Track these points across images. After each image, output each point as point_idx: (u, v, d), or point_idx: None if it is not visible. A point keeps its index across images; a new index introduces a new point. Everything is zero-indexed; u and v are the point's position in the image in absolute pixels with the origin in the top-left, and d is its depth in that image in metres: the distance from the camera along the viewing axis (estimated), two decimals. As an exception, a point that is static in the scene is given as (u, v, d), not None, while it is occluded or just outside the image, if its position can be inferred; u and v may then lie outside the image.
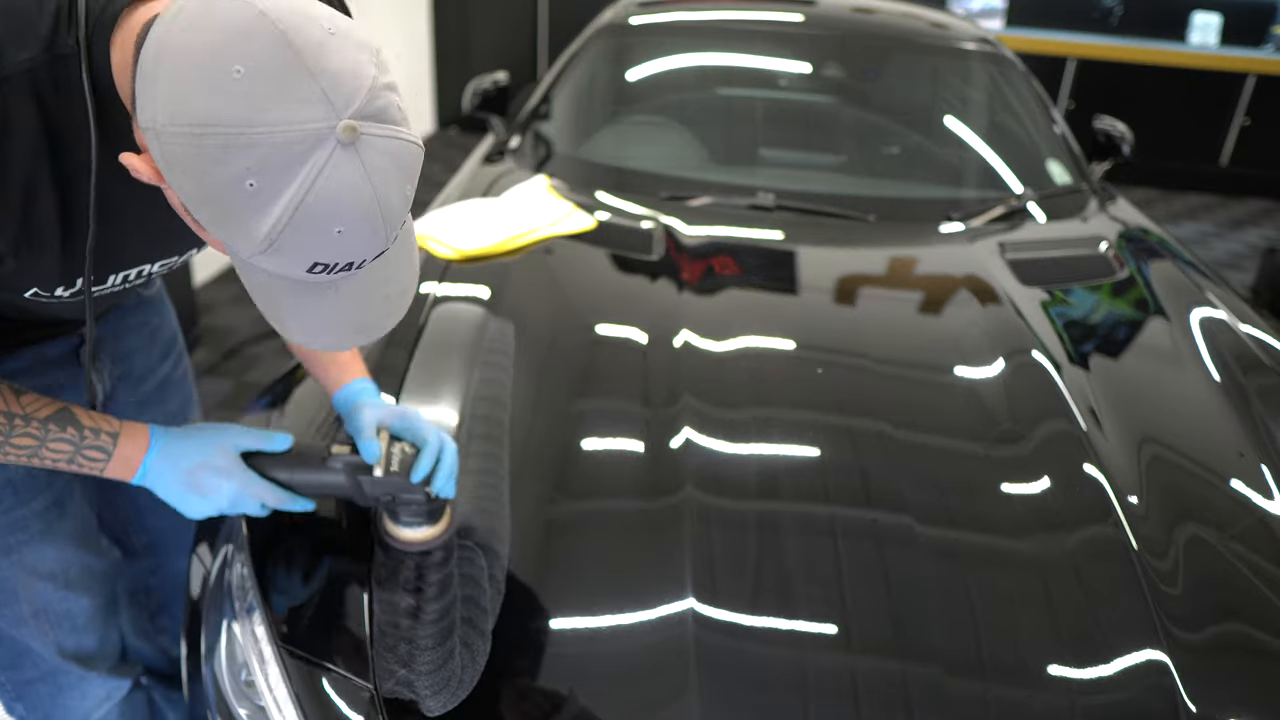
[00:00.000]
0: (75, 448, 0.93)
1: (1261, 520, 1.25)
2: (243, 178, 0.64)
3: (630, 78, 2.63)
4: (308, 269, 0.69)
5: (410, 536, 1.09)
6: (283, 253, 0.68)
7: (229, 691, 1.10)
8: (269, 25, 0.64)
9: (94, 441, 0.94)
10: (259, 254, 0.68)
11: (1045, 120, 2.52)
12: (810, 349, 1.56)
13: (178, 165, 0.65)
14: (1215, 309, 1.74)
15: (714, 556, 1.13)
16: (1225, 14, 5.76)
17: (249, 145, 0.63)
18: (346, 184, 0.66)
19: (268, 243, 0.67)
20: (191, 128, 0.64)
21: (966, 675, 1.02)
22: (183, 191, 0.67)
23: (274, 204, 0.65)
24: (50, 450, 0.92)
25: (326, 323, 0.76)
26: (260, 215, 0.65)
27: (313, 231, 0.67)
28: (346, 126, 0.65)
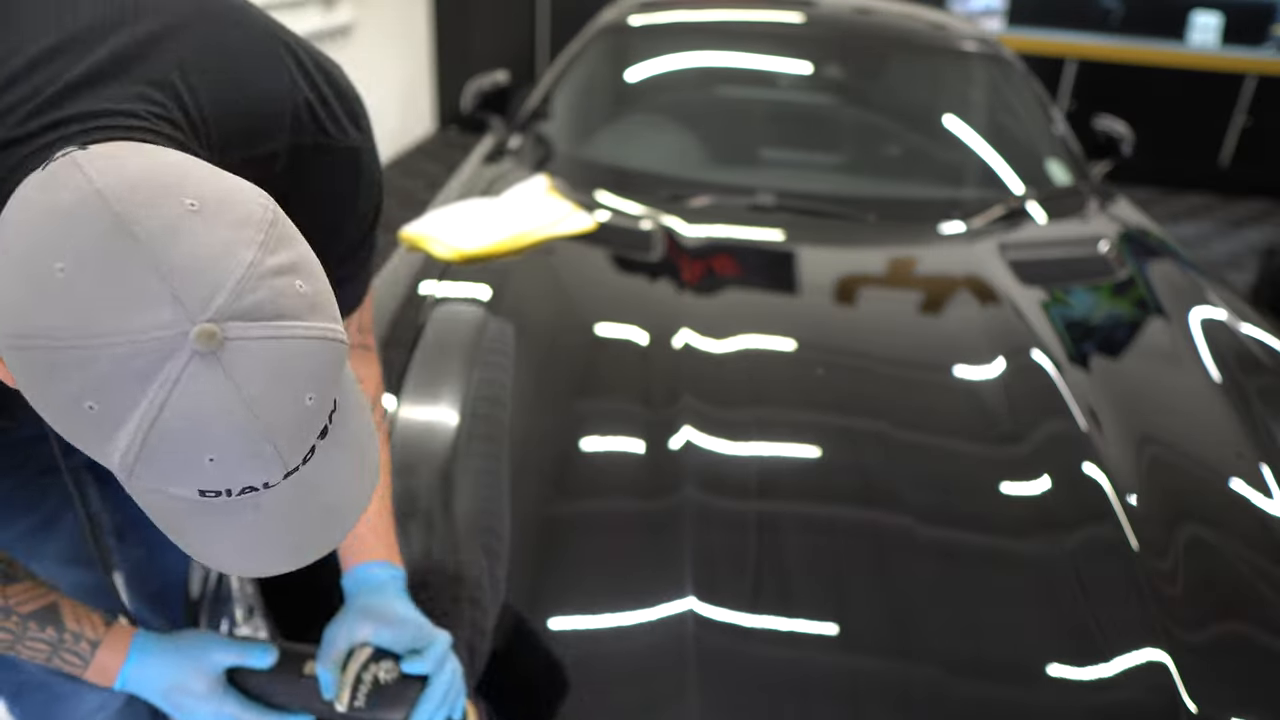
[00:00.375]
0: (53, 649, 0.86)
1: (1261, 520, 1.25)
2: (79, 398, 0.51)
3: (630, 78, 2.63)
4: (196, 493, 0.55)
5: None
6: (151, 479, 0.54)
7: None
8: (102, 208, 0.51)
9: (73, 646, 0.87)
10: (128, 479, 0.54)
11: (1045, 120, 2.52)
12: (810, 349, 1.56)
13: (20, 377, 0.53)
14: (1215, 309, 1.74)
15: (714, 556, 1.13)
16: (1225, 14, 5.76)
17: (81, 362, 0.50)
18: (208, 403, 0.52)
19: (125, 472, 0.53)
20: (15, 338, 0.51)
21: (966, 675, 1.02)
22: (31, 401, 0.54)
23: (120, 429, 0.51)
24: (26, 647, 0.85)
25: (248, 545, 0.60)
26: (107, 441, 0.52)
27: (175, 460, 0.53)
28: (203, 332, 0.50)
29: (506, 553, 1.13)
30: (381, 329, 1.52)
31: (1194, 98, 5.74)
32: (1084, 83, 5.79)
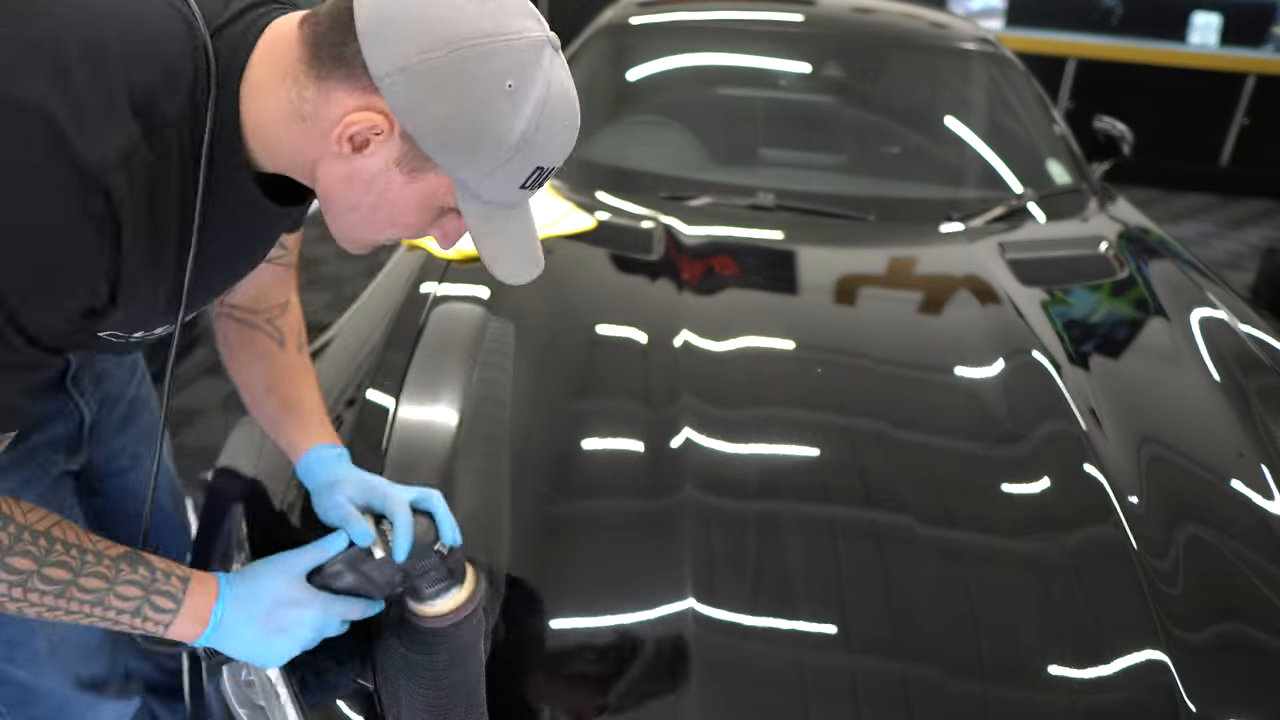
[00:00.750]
0: (145, 592, 0.85)
1: (1261, 520, 1.25)
2: (503, 78, 0.74)
3: (630, 78, 2.63)
4: (525, 180, 0.79)
5: (443, 607, 0.95)
6: (525, 156, 0.77)
7: (229, 692, 1.10)
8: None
9: (164, 585, 0.86)
10: (501, 165, 0.77)
11: (1045, 120, 2.52)
12: (810, 349, 1.56)
13: (434, 90, 0.73)
14: (1215, 309, 1.74)
15: (714, 556, 1.13)
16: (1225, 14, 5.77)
17: (505, 50, 0.74)
18: (566, 83, 0.81)
19: (522, 140, 0.76)
20: (448, 47, 0.72)
21: (966, 675, 1.02)
22: (432, 119, 0.74)
23: (527, 101, 0.75)
24: (117, 596, 0.84)
25: (519, 251, 0.86)
26: (517, 113, 0.75)
27: (552, 126, 0.79)
28: (553, 37, 0.78)
29: (506, 553, 1.13)
30: (382, 329, 1.52)
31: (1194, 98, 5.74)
32: (1084, 83, 5.79)
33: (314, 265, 3.97)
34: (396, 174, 0.78)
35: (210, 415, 2.80)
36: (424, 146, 0.76)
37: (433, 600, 0.95)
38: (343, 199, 0.81)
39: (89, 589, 0.82)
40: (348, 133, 0.76)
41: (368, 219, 0.82)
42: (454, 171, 0.77)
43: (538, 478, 1.25)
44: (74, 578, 0.81)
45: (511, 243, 0.85)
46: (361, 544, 0.94)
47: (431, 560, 0.94)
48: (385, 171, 0.78)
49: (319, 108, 0.76)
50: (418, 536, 0.93)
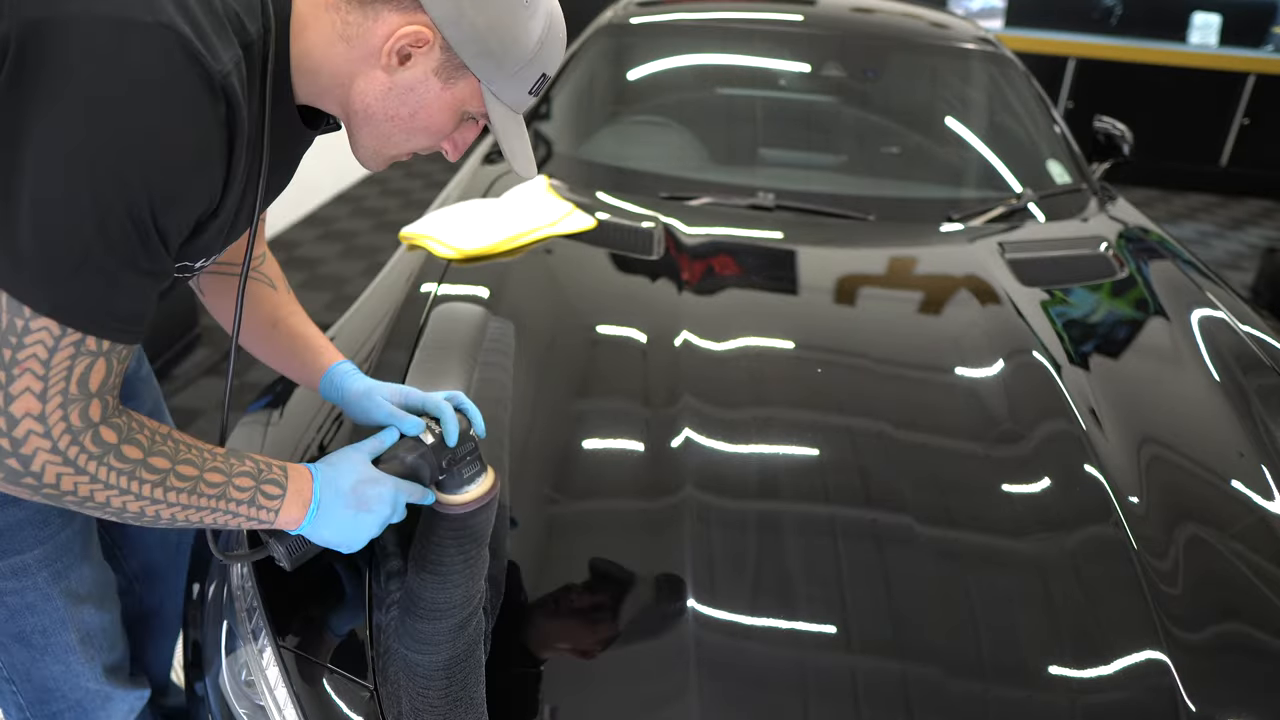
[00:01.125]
0: (255, 481, 0.92)
1: (1261, 520, 1.25)
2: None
3: (630, 77, 2.63)
4: (532, 85, 0.94)
5: (475, 492, 1.08)
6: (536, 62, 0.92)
7: (229, 692, 1.10)
8: None
9: (270, 474, 0.93)
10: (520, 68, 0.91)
11: (1045, 120, 2.52)
12: (810, 349, 1.56)
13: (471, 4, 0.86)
14: (1215, 309, 1.74)
15: (714, 556, 1.13)
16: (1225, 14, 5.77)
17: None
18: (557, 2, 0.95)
19: (539, 46, 0.91)
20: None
21: (966, 675, 1.02)
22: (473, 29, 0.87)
23: (538, 14, 0.91)
24: (235, 487, 0.90)
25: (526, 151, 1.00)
26: (533, 24, 0.90)
27: (555, 37, 0.93)
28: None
29: (507, 553, 1.13)
30: (382, 329, 1.52)
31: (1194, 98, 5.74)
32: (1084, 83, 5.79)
33: (314, 265, 3.97)
34: (434, 81, 0.90)
35: (210, 415, 2.80)
36: (461, 54, 0.88)
37: (466, 487, 1.07)
38: (381, 111, 0.91)
39: (213, 483, 0.88)
40: (395, 46, 0.87)
41: (402, 128, 0.93)
42: (485, 77, 0.91)
43: (538, 478, 1.25)
44: (200, 474, 0.87)
45: (521, 144, 0.98)
46: (413, 434, 1.06)
47: (469, 445, 1.07)
48: (424, 80, 0.90)
49: (364, 29, 0.87)
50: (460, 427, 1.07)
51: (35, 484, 0.80)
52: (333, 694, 1.02)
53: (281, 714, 1.03)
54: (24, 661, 1.12)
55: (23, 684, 1.14)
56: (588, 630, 1.07)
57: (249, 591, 1.12)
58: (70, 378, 0.78)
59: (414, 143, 0.95)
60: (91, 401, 0.80)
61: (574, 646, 1.06)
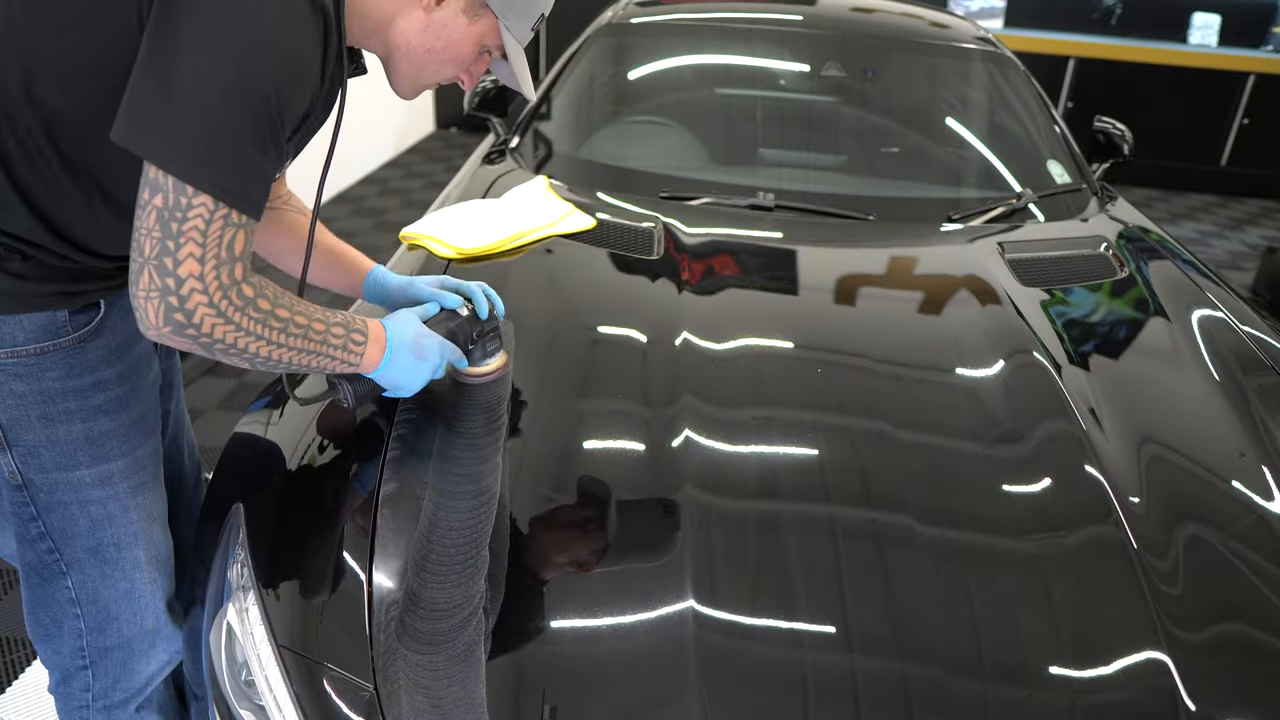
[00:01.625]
0: (347, 330, 1.10)
1: (1261, 520, 1.25)
2: None
3: (630, 77, 2.63)
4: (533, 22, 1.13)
5: (494, 364, 1.34)
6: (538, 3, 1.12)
7: (229, 691, 1.10)
8: None
9: (355, 323, 1.12)
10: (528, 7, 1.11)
11: (1045, 120, 2.52)
12: (810, 349, 1.56)
13: None
14: (1215, 309, 1.74)
15: (714, 556, 1.13)
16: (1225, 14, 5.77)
17: None
18: None
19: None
20: None
21: (966, 675, 1.02)
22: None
23: None
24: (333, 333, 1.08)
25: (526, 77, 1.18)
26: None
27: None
28: None
29: (507, 553, 1.13)
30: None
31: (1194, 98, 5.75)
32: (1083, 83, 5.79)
33: (314, 265, 3.97)
34: (463, 19, 1.09)
35: (210, 415, 2.80)
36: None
37: (488, 360, 1.34)
38: (420, 44, 1.09)
39: (319, 330, 1.06)
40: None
41: (436, 59, 1.10)
42: (502, 14, 1.10)
43: (538, 478, 1.25)
44: (309, 322, 1.05)
45: (525, 70, 1.17)
46: (451, 306, 1.30)
47: (493, 323, 1.33)
48: (455, 17, 1.08)
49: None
50: None
51: (196, 334, 0.95)
52: (333, 694, 1.02)
53: (281, 714, 1.03)
54: (95, 579, 1.19)
55: (88, 606, 1.20)
56: (587, 630, 1.07)
57: (248, 589, 1.12)
58: (222, 244, 0.93)
59: (444, 72, 1.13)
60: (236, 264, 0.95)
61: (574, 647, 1.06)
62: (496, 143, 2.48)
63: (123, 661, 1.25)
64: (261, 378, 3.00)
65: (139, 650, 1.26)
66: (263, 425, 1.37)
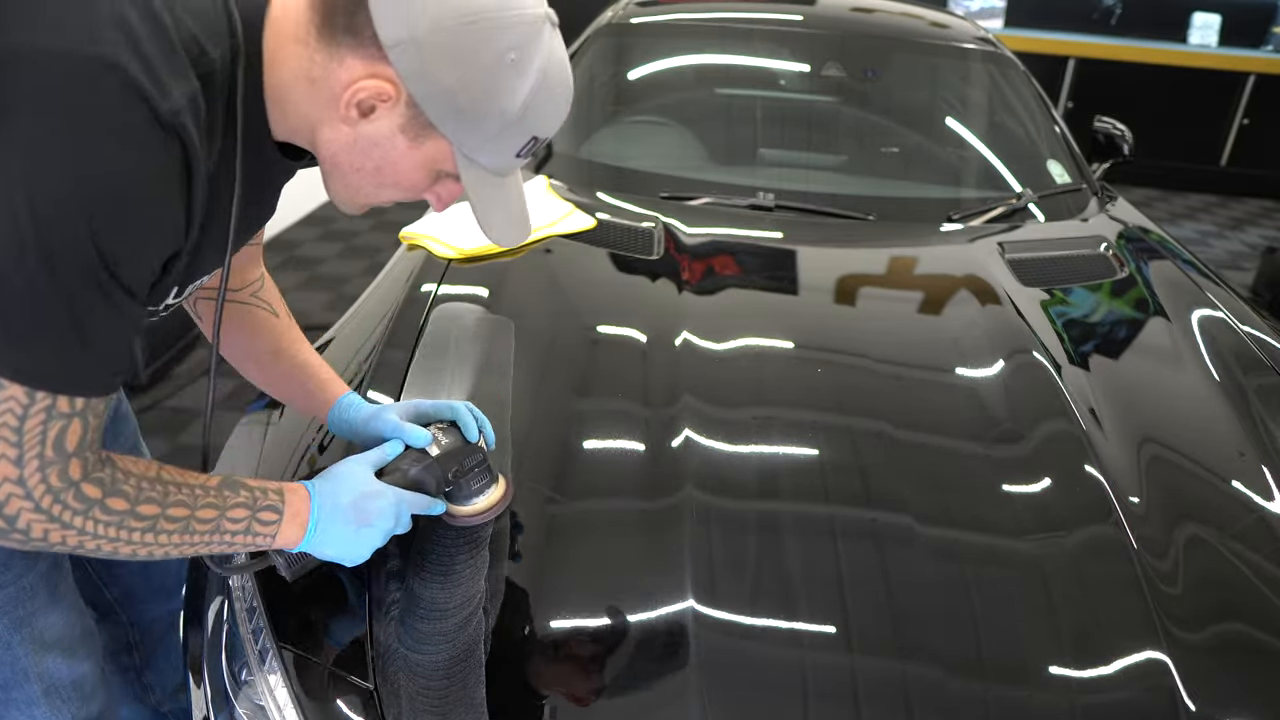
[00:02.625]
0: (251, 510, 0.90)
1: (1261, 520, 1.25)
2: (505, 52, 0.79)
3: (630, 77, 2.63)
4: (519, 149, 0.85)
5: (483, 504, 1.06)
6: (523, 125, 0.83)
7: (229, 691, 1.10)
8: None
9: (265, 501, 0.91)
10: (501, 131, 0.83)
11: (1045, 120, 2.52)
12: (810, 349, 1.56)
13: (444, 59, 0.78)
14: (1215, 309, 1.74)
15: (714, 556, 1.13)
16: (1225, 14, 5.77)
17: (510, 25, 0.79)
18: (562, 58, 0.86)
19: (523, 109, 0.82)
20: (460, 20, 0.78)
21: (966, 675, 1.02)
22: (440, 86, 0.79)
23: (528, 74, 0.81)
24: (229, 519, 0.88)
25: (509, 217, 0.92)
26: (518, 83, 0.81)
27: (549, 98, 0.84)
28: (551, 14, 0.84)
29: (507, 553, 1.13)
30: (382, 329, 1.52)
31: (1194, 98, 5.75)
32: (1083, 83, 5.79)
33: (314, 265, 3.97)
34: (400, 139, 0.83)
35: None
36: (429, 114, 0.81)
37: (475, 499, 1.06)
38: (346, 162, 0.86)
39: (206, 519, 0.87)
40: (355, 98, 0.80)
41: (370, 181, 0.88)
42: (456, 138, 0.83)
43: (538, 478, 1.25)
44: (192, 513, 0.86)
45: (503, 207, 0.91)
46: (418, 445, 1.04)
47: (478, 456, 1.06)
48: (390, 136, 0.83)
49: (329, 71, 0.81)
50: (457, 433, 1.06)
51: (24, 539, 0.78)
52: (333, 694, 1.02)
53: (281, 714, 1.03)
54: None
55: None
56: (587, 631, 1.07)
57: (249, 591, 1.12)
58: (45, 442, 0.75)
59: (386, 195, 0.90)
60: (70, 461, 0.77)
61: (574, 647, 1.06)
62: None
63: None
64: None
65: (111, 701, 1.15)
66: (263, 425, 1.37)
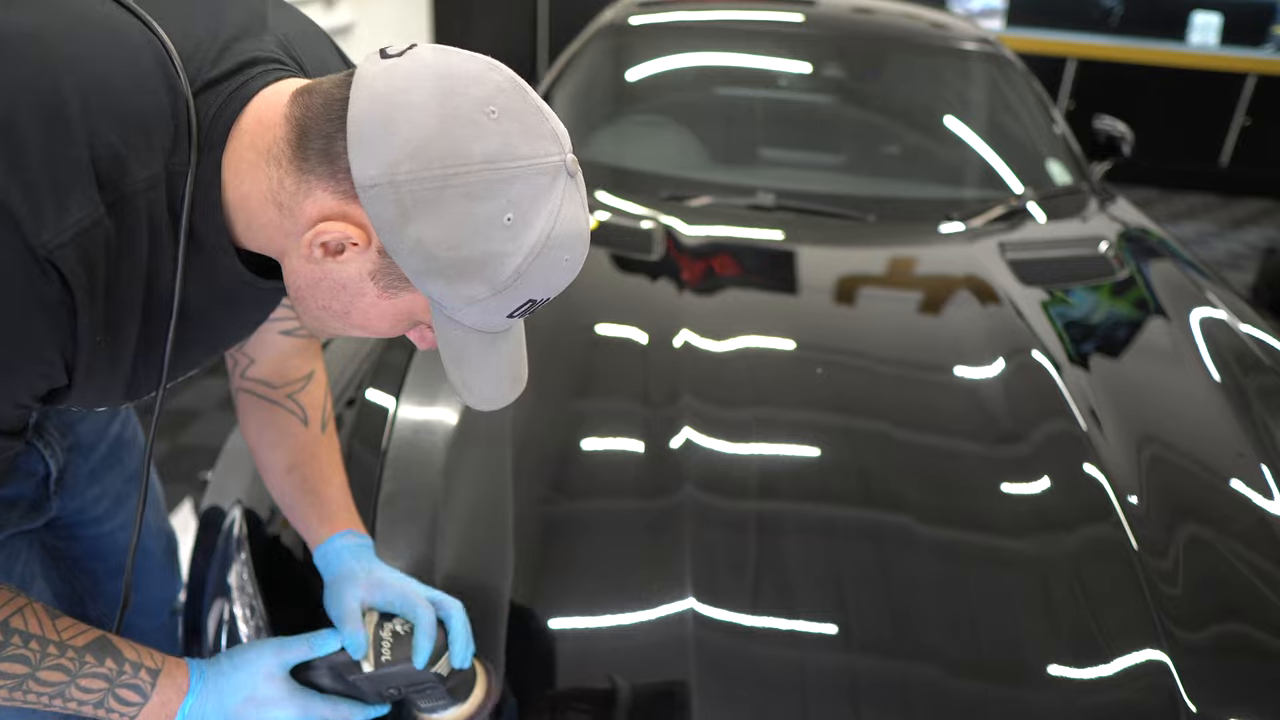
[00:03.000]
0: (110, 685, 0.80)
1: (1261, 520, 1.25)
2: (503, 211, 0.65)
3: (630, 78, 2.63)
4: (514, 310, 0.71)
5: (453, 715, 0.93)
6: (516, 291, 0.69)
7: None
8: (502, 71, 0.69)
9: (131, 679, 0.81)
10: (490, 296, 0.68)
11: (1045, 120, 2.52)
12: (810, 349, 1.56)
13: (421, 211, 0.65)
14: (1215, 309, 1.74)
15: (714, 556, 1.13)
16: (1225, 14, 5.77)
17: (509, 179, 0.65)
18: (576, 215, 0.70)
19: (515, 276, 0.67)
20: (443, 165, 0.64)
21: (966, 675, 1.02)
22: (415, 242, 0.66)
23: (527, 236, 0.67)
24: (79, 688, 0.78)
25: (497, 376, 0.77)
26: (513, 249, 0.66)
27: (550, 263, 0.69)
28: (573, 160, 0.69)
29: (506, 553, 1.13)
30: (381, 329, 1.52)
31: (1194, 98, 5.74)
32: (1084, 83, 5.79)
33: (314, 265, 3.98)
34: (371, 286, 0.71)
35: (210, 415, 2.80)
36: (403, 268, 0.68)
37: (432, 714, 0.93)
38: (312, 301, 0.74)
39: (48, 681, 0.77)
40: (320, 239, 0.68)
41: (338, 321, 0.76)
42: (435, 297, 0.70)
43: (538, 478, 1.25)
44: (31, 671, 0.76)
45: (487, 369, 0.76)
46: (353, 654, 0.88)
47: (430, 681, 0.89)
48: (359, 281, 0.71)
49: (297, 200, 0.69)
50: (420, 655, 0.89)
51: None
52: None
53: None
54: None
55: None
56: (587, 630, 1.07)
57: (248, 589, 1.12)
58: None
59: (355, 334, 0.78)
60: None
61: (574, 646, 1.06)
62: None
63: None
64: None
65: None
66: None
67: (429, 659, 0.88)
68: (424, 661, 0.88)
